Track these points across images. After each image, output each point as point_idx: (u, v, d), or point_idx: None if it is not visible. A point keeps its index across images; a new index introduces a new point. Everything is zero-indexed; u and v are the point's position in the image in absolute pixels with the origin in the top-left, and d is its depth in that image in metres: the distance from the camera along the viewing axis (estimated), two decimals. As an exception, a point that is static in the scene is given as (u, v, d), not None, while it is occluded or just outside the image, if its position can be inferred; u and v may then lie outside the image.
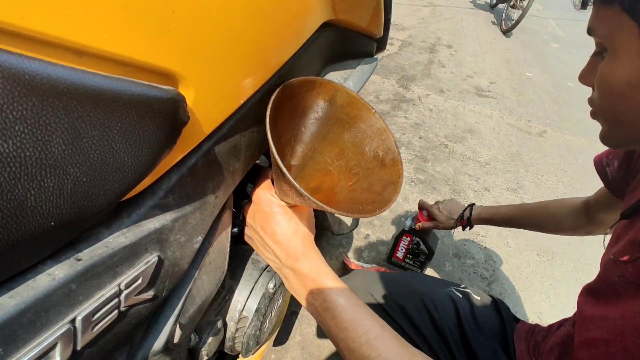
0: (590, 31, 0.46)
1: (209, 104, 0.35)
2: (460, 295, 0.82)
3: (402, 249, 1.33)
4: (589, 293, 0.62)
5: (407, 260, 1.37)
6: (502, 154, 2.35)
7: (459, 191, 1.94)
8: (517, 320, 0.82)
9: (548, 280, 1.54)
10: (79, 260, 0.28)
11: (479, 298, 0.83)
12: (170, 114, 0.30)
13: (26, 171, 0.23)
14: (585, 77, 0.50)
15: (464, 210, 1.08)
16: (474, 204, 1.08)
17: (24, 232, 0.24)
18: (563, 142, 2.56)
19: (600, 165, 0.73)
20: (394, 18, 4.64)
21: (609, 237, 0.63)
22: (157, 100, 0.28)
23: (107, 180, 0.28)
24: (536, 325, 0.77)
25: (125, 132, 0.28)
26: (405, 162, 2.10)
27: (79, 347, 0.28)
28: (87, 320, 0.28)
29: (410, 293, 0.82)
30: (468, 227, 1.09)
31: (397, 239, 1.33)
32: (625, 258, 0.51)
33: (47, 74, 0.22)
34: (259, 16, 0.37)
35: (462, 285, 0.86)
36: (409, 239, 1.30)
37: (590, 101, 0.51)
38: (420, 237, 1.28)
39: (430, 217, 1.18)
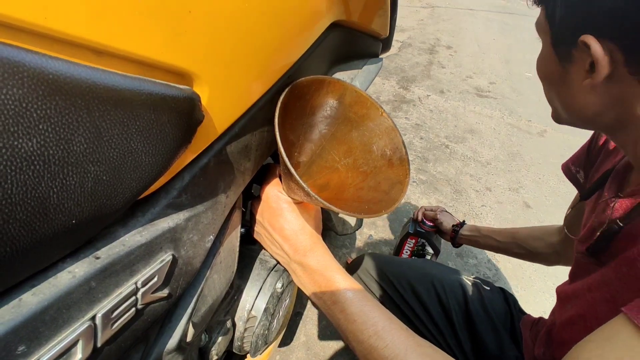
0: (536, 26, 0.51)
1: (221, 104, 0.35)
2: (470, 283, 0.85)
3: (406, 252, 1.33)
4: (567, 281, 0.65)
5: (414, 258, 1.36)
6: (503, 154, 2.35)
7: (461, 191, 1.94)
8: (523, 312, 0.84)
9: (551, 279, 1.55)
10: (97, 258, 0.29)
11: (488, 288, 0.86)
12: (187, 113, 0.30)
13: (49, 169, 0.23)
14: None
15: (454, 225, 1.12)
16: (464, 222, 1.12)
17: (46, 229, 0.24)
18: (563, 141, 2.56)
19: (570, 172, 0.76)
20: (393, 19, 4.66)
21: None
22: (174, 99, 0.29)
23: (125, 178, 0.28)
24: (541, 318, 0.79)
25: (143, 130, 0.28)
26: (406, 162, 2.10)
27: (99, 344, 0.28)
28: (107, 318, 0.28)
29: (422, 275, 0.85)
30: (453, 234, 1.12)
31: (401, 242, 1.33)
32: (586, 237, 0.56)
33: (70, 74, 0.23)
34: (271, 18, 0.37)
35: (473, 276, 0.89)
36: (413, 241, 1.29)
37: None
38: (425, 238, 1.27)
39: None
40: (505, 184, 2.07)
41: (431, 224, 1.26)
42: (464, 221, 1.13)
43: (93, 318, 0.27)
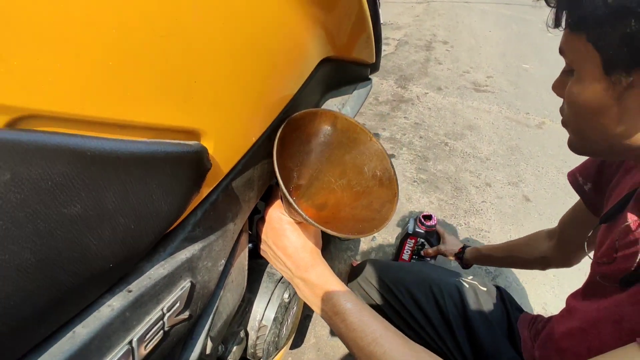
0: (560, 52, 0.50)
1: (226, 150, 0.41)
2: (467, 286, 0.89)
3: (407, 252, 1.37)
4: (579, 293, 0.68)
5: (413, 262, 1.40)
6: (502, 148, 2.39)
7: (461, 188, 1.99)
8: (520, 310, 0.88)
9: (551, 272, 1.59)
10: (130, 291, 0.34)
11: (484, 289, 0.89)
12: (196, 164, 0.36)
13: (89, 226, 0.29)
14: (557, 89, 0.55)
15: (457, 254, 1.20)
16: (465, 247, 1.19)
17: (90, 273, 0.29)
18: (562, 132, 2.56)
19: (577, 183, 0.78)
20: (389, 17, 4.70)
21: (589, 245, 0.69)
22: (185, 155, 0.34)
23: (149, 224, 0.34)
24: (538, 316, 0.83)
25: (161, 184, 0.33)
26: (406, 162, 2.15)
27: (136, 364, 0.34)
28: (141, 341, 0.34)
29: (420, 280, 0.89)
30: (459, 260, 1.19)
31: (401, 243, 1.37)
32: (604, 259, 0.57)
33: (102, 148, 0.28)
34: (267, 70, 0.42)
35: (470, 277, 0.93)
36: (413, 241, 1.33)
37: (562, 111, 0.55)
38: (424, 237, 1.32)
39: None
40: (504, 179, 2.11)
41: (430, 223, 1.31)
42: (464, 246, 1.19)
43: (130, 342, 0.33)
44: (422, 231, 1.30)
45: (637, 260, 0.51)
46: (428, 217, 1.34)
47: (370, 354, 0.49)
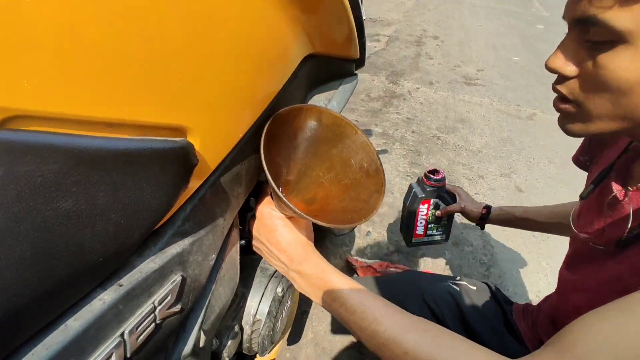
0: (589, 22, 0.40)
1: (212, 145, 0.42)
2: (457, 288, 0.89)
3: (421, 223, 1.15)
4: (565, 267, 0.69)
5: (429, 232, 1.17)
6: (493, 140, 2.41)
7: (454, 181, 2.00)
8: (510, 302, 0.89)
9: (544, 260, 1.61)
10: (120, 285, 0.35)
11: (474, 288, 0.90)
12: (183, 160, 0.37)
13: (82, 221, 0.29)
14: (560, 64, 0.46)
15: (482, 215, 1.07)
16: (491, 207, 1.08)
17: (83, 267, 0.30)
18: (552, 123, 2.60)
19: (580, 162, 0.78)
20: (378, 14, 4.71)
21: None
22: (172, 151, 0.35)
23: (139, 219, 0.35)
24: (528, 305, 0.84)
25: (150, 179, 0.34)
26: (399, 156, 2.17)
27: (129, 355, 0.34)
28: (133, 333, 0.35)
29: (412, 292, 0.89)
30: (482, 221, 1.08)
31: (413, 214, 1.14)
32: (590, 231, 0.59)
33: (90, 146, 0.29)
34: (250, 67, 0.43)
35: (458, 278, 0.93)
36: (426, 205, 1.12)
37: (570, 92, 0.47)
38: (437, 196, 1.11)
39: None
40: (497, 170, 2.13)
41: (439, 177, 1.10)
42: (488, 206, 1.06)
43: (122, 334, 0.34)
44: (435, 188, 1.10)
45: (628, 226, 0.51)
46: (434, 171, 1.10)
47: (373, 333, 0.50)
